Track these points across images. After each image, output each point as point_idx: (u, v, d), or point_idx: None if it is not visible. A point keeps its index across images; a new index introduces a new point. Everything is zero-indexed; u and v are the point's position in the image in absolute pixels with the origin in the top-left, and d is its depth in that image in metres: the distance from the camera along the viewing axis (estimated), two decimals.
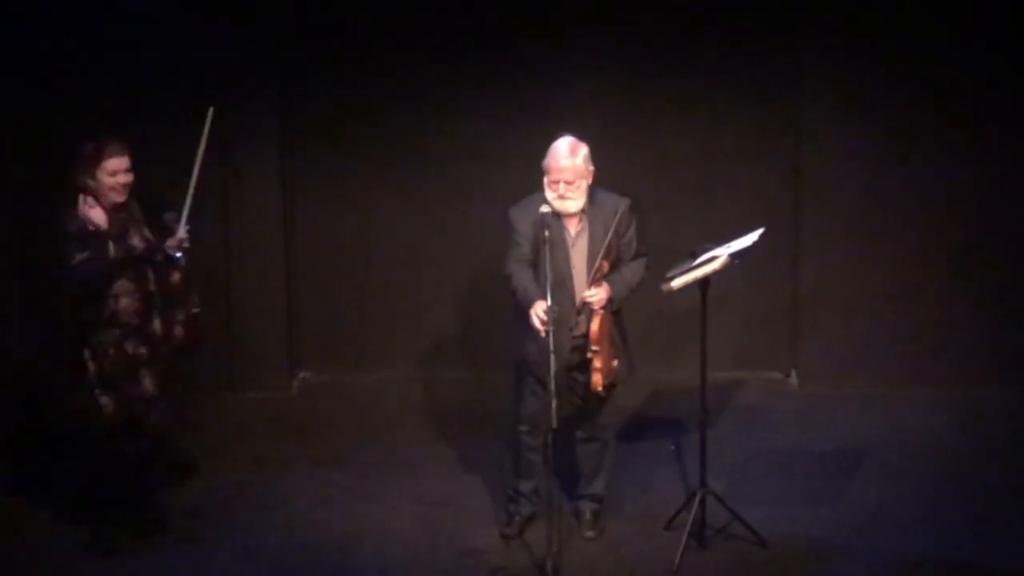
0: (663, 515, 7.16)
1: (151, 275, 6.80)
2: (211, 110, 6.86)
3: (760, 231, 6.94)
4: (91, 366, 6.77)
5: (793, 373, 8.98)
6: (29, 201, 8.44)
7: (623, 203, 6.86)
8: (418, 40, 8.75)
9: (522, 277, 6.72)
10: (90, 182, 6.68)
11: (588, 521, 7.14)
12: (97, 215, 6.64)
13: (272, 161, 8.83)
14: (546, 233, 6.62)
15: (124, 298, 6.72)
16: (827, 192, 8.70)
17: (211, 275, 8.82)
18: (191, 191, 6.79)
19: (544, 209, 6.69)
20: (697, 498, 6.92)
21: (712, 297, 6.89)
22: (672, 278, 6.77)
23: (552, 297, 6.60)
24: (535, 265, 6.71)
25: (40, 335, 8.50)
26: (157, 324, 6.81)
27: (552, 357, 6.44)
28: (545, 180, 6.78)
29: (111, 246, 6.67)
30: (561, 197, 6.74)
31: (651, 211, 8.56)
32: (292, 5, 8.75)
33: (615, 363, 6.89)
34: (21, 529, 7.31)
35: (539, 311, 6.55)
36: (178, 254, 6.77)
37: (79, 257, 6.61)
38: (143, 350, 6.79)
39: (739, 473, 7.71)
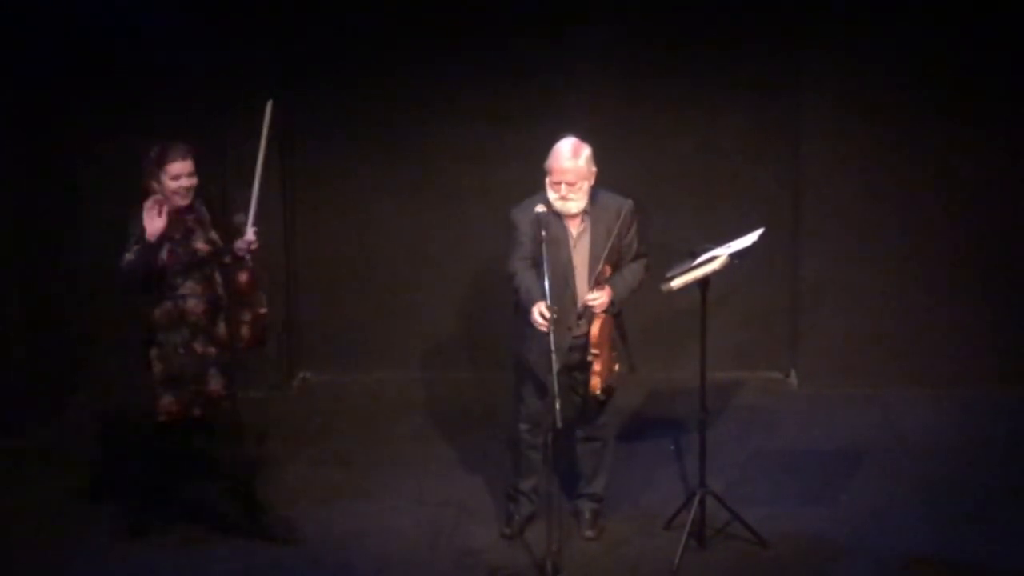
0: (663, 515, 7.17)
1: (218, 277, 6.86)
2: (269, 103, 6.83)
3: (760, 231, 6.94)
4: (157, 366, 6.85)
5: (793, 373, 8.98)
6: (29, 201, 8.47)
7: (626, 204, 6.86)
8: (418, 40, 8.75)
9: (524, 277, 6.72)
10: (155, 185, 6.74)
11: (588, 521, 7.14)
12: (156, 222, 6.65)
13: (272, 161, 8.80)
14: (543, 232, 6.63)
15: (192, 299, 6.81)
16: (827, 192, 8.70)
17: None
18: (255, 191, 6.79)
19: (540, 209, 6.70)
20: (697, 498, 6.92)
21: (712, 297, 6.89)
22: (672, 278, 6.77)
23: (553, 297, 6.61)
24: (537, 265, 6.72)
25: (40, 335, 8.55)
26: (223, 325, 6.87)
27: (553, 356, 6.45)
28: (547, 180, 6.78)
29: (165, 251, 6.72)
30: (563, 198, 6.75)
31: (651, 211, 8.54)
32: (292, 5, 8.75)
33: (616, 367, 6.90)
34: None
35: (542, 309, 6.55)
36: (242, 255, 6.81)
37: (125, 258, 6.68)
38: (211, 350, 6.85)
39: (739, 473, 7.71)
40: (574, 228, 6.82)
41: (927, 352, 8.76)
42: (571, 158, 6.73)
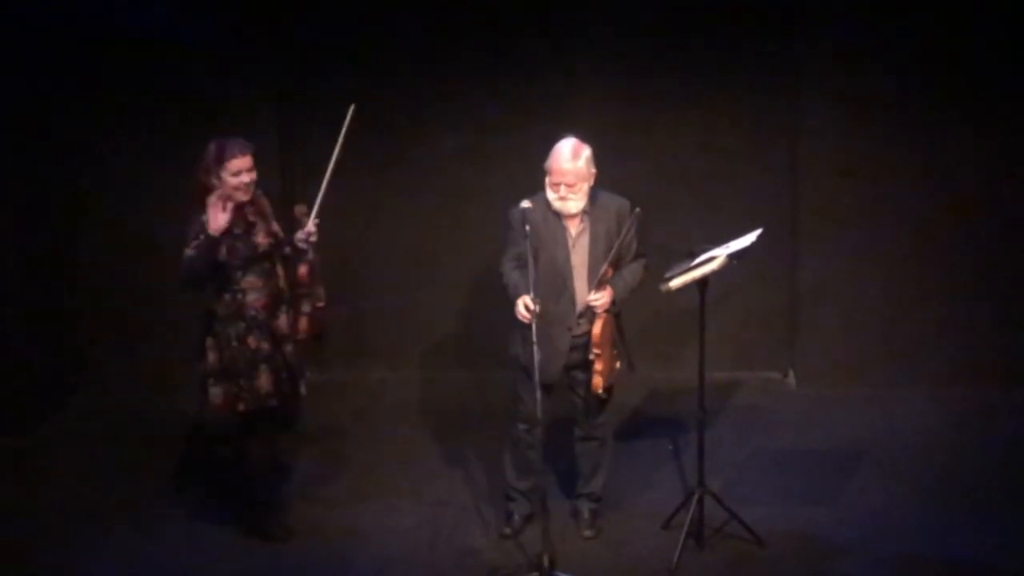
0: (661, 514, 7.17)
1: (280, 271, 6.90)
2: (352, 107, 6.92)
3: (758, 231, 6.95)
4: (210, 356, 6.85)
5: (791, 373, 8.98)
6: (30, 201, 8.48)
7: (625, 205, 6.88)
8: (419, 40, 8.75)
9: (513, 274, 6.75)
10: (215, 182, 6.74)
11: (586, 520, 7.16)
12: (220, 217, 6.69)
13: (272, 161, 8.83)
14: (526, 228, 6.65)
15: (251, 293, 6.82)
16: (825, 192, 8.70)
17: None
18: (324, 185, 6.87)
19: (525, 204, 6.72)
20: (695, 497, 6.93)
21: (711, 297, 6.90)
22: (671, 278, 6.78)
23: (551, 297, 6.65)
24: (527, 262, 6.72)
25: (40, 335, 8.56)
26: (283, 320, 6.90)
27: (535, 349, 6.47)
28: (547, 181, 6.80)
29: (223, 248, 6.75)
30: (562, 199, 6.77)
31: (650, 211, 8.52)
32: (293, 6, 8.76)
33: (617, 365, 6.92)
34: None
35: (526, 302, 6.58)
36: (302, 247, 6.86)
37: (186, 253, 6.73)
38: (265, 345, 6.85)
39: (737, 473, 7.72)
40: (573, 228, 6.84)
41: (926, 352, 8.75)
42: (570, 159, 6.74)
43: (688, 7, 8.67)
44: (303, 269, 6.89)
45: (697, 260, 6.81)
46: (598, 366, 6.79)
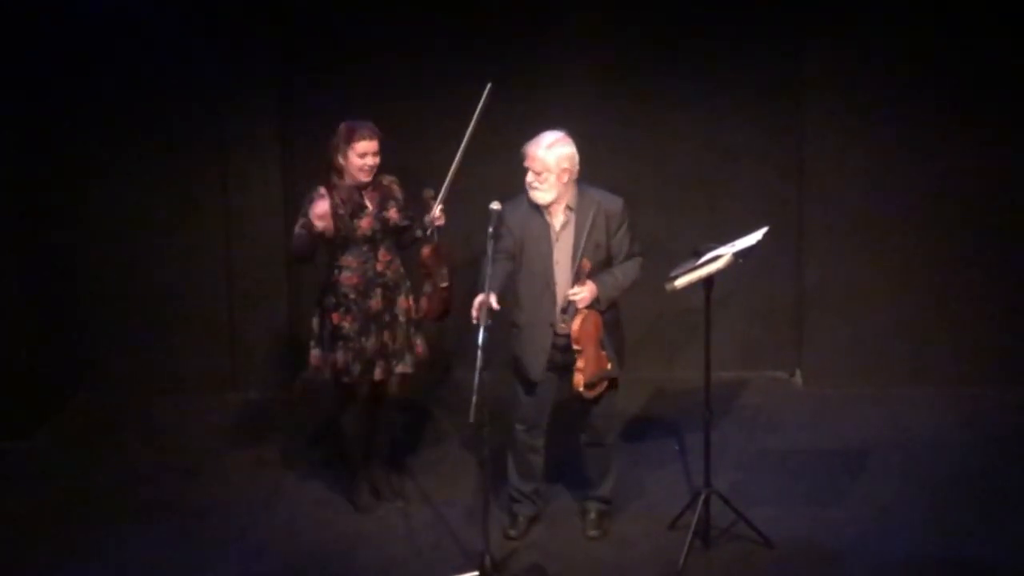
0: (667, 515, 7.15)
1: (381, 256, 7.14)
2: (488, 86, 7.04)
3: (763, 230, 6.92)
4: (314, 323, 7.23)
5: (797, 372, 8.96)
6: (30, 201, 8.45)
7: (616, 203, 6.84)
8: (419, 40, 8.74)
9: (487, 269, 6.66)
10: (340, 160, 7.06)
11: (593, 521, 7.13)
12: (319, 206, 7.01)
13: (272, 161, 8.81)
14: (490, 229, 6.69)
15: (346, 271, 7.11)
16: (830, 191, 8.68)
17: (213, 275, 8.84)
18: (453, 168, 7.06)
19: (494, 206, 6.73)
20: (701, 498, 6.90)
21: (716, 296, 6.87)
22: (676, 277, 6.75)
23: (532, 294, 6.77)
24: (493, 261, 6.71)
25: (41, 335, 8.54)
26: (375, 303, 7.11)
27: (480, 353, 6.43)
28: None
29: (332, 223, 7.03)
30: (530, 186, 6.81)
31: (653, 210, 8.55)
32: (292, 4, 8.73)
33: (609, 366, 6.87)
34: None
35: (480, 299, 6.57)
36: (426, 230, 7.08)
37: (296, 230, 7.07)
38: (346, 324, 7.10)
39: (743, 473, 7.70)
40: (556, 223, 6.81)
41: (931, 351, 8.74)
42: (540, 148, 6.78)
43: (692, 6, 8.65)
44: (426, 251, 7.09)
45: (702, 259, 6.79)
46: (579, 363, 6.77)
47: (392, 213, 7.16)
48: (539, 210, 6.81)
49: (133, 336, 8.89)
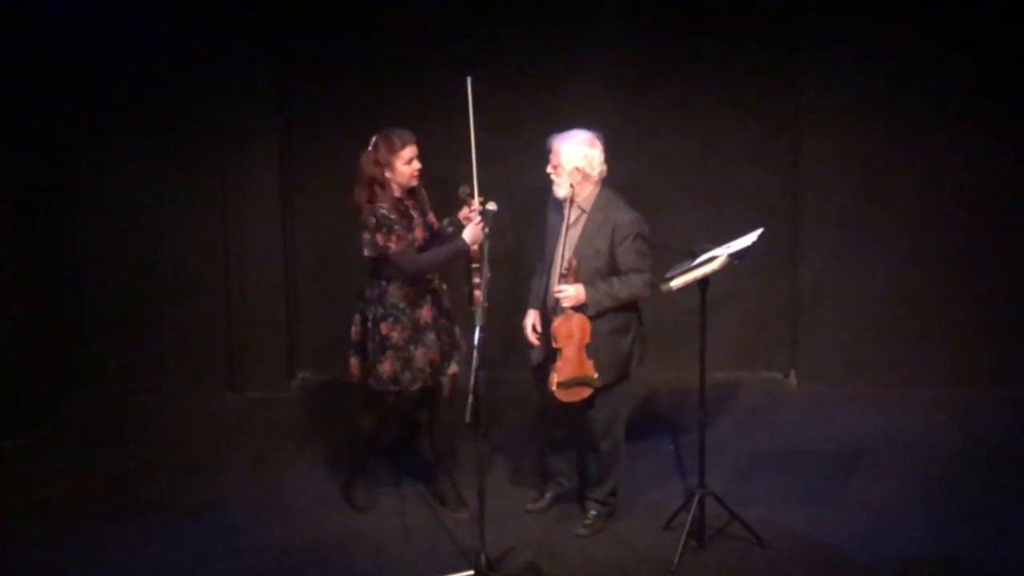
0: (662, 515, 7.16)
1: None
2: (468, 80, 7.08)
3: (759, 231, 6.94)
4: (353, 329, 7.16)
5: (792, 373, 8.97)
6: (29, 201, 8.46)
7: (626, 215, 6.88)
8: (419, 40, 8.74)
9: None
10: (386, 174, 7.00)
11: (587, 520, 7.15)
12: (387, 207, 6.99)
13: (272, 161, 8.83)
14: (486, 230, 6.80)
15: (395, 282, 7.06)
16: (826, 192, 8.69)
17: (211, 275, 8.85)
18: (474, 163, 7.03)
19: (491, 207, 6.86)
20: (696, 498, 6.92)
21: (711, 297, 6.89)
22: (671, 278, 6.78)
23: (542, 281, 6.95)
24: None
25: (40, 335, 8.55)
26: (425, 311, 7.08)
27: (476, 354, 6.52)
28: None
29: (417, 229, 7.07)
30: (549, 177, 6.90)
31: (651, 211, 8.50)
32: (292, 6, 8.74)
33: (595, 375, 6.87)
34: None
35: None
36: (482, 221, 6.99)
37: (398, 245, 6.96)
38: (396, 334, 7.04)
39: (738, 473, 7.71)
40: (570, 218, 6.86)
41: (927, 352, 8.75)
42: (560, 142, 6.87)
43: (689, 7, 8.65)
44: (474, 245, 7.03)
45: (698, 260, 6.80)
46: (557, 362, 6.82)
47: (432, 217, 7.18)
48: (561, 202, 6.90)
49: (132, 336, 8.91)
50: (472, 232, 6.91)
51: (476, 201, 7.00)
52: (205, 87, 8.63)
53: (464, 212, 7.07)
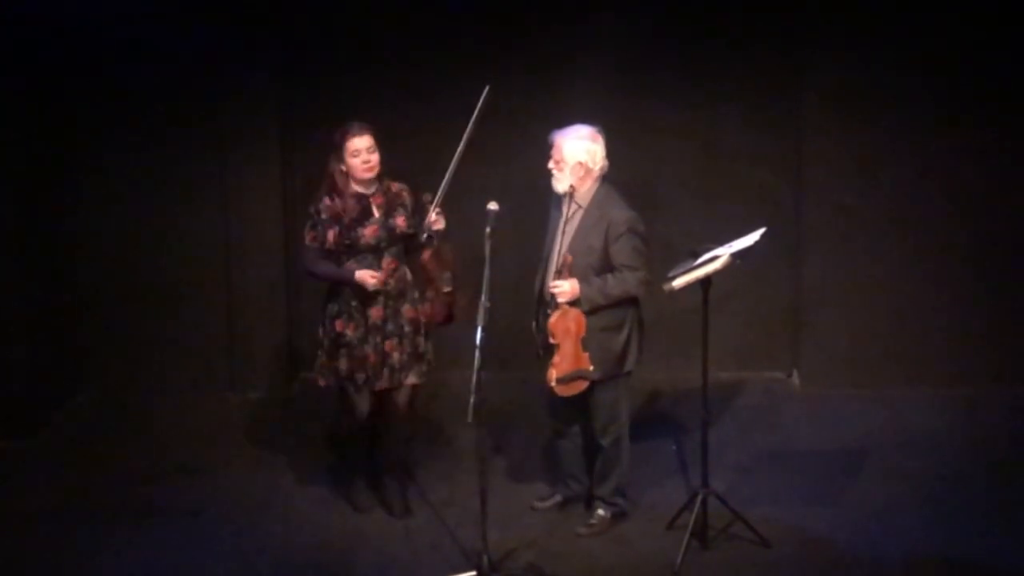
0: (665, 515, 7.15)
1: (385, 264, 7.04)
2: (487, 88, 6.98)
3: (762, 230, 6.93)
4: (320, 331, 7.16)
5: (795, 373, 8.97)
6: (30, 201, 8.46)
7: (621, 213, 6.87)
8: (419, 39, 8.74)
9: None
10: (341, 167, 6.97)
11: (591, 519, 7.15)
12: (334, 206, 6.97)
13: (272, 161, 8.82)
14: (487, 229, 6.73)
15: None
16: (828, 191, 8.69)
17: (211, 275, 8.85)
18: (451, 171, 6.97)
19: (492, 206, 6.80)
20: (699, 498, 6.91)
21: (714, 297, 6.88)
22: (674, 278, 6.77)
23: (542, 275, 6.92)
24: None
25: (41, 335, 8.54)
26: (376, 312, 7.03)
27: (477, 353, 6.53)
28: None
29: (334, 232, 6.98)
30: (550, 171, 6.90)
31: (652, 210, 8.53)
32: (292, 4, 8.73)
33: (591, 368, 6.86)
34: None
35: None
36: (424, 235, 6.98)
37: (307, 239, 7.04)
38: (350, 332, 7.05)
39: (741, 473, 7.70)
40: (568, 213, 6.87)
41: (929, 351, 8.74)
42: (562, 136, 6.88)
43: (690, 7, 8.65)
44: (426, 255, 7.02)
45: (700, 259, 6.80)
46: (554, 357, 6.82)
47: (399, 221, 7.08)
48: (561, 197, 6.90)
49: (133, 336, 8.90)
50: (360, 274, 6.92)
51: (434, 212, 6.92)
52: (205, 87, 8.63)
53: (429, 218, 6.98)
